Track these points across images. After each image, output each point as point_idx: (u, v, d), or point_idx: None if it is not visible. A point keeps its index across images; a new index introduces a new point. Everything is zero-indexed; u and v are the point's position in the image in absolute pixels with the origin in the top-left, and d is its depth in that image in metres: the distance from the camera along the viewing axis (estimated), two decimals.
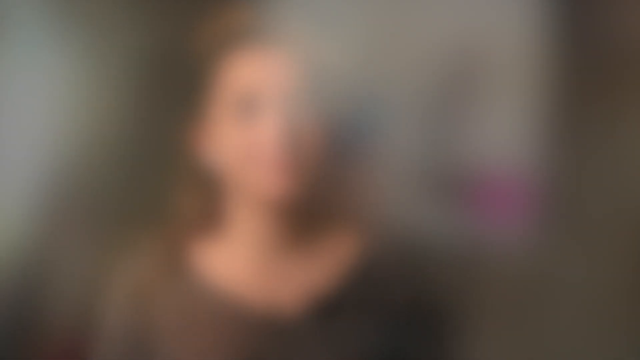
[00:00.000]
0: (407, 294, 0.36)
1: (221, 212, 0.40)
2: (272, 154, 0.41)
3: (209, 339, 0.33)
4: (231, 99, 0.43)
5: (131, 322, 0.41)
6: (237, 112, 0.42)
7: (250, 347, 0.37)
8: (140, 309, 0.41)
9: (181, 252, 0.42)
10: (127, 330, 0.41)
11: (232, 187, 0.42)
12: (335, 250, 0.37)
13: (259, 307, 0.38)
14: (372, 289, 0.35)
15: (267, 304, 0.39)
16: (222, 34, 0.44)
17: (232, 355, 0.34)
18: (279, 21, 0.44)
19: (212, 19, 0.44)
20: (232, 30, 0.43)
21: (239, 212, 0.38)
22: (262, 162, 0.41)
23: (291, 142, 0.41)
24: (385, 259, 0.36)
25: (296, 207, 0.41)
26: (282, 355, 0.40)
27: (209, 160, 0.42)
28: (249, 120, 0.42)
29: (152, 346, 0.31)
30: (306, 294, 0.41)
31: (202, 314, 0.33)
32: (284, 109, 0.42)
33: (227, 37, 0.43)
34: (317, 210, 0.37)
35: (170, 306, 0.34)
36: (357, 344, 0.34)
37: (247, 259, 0.39)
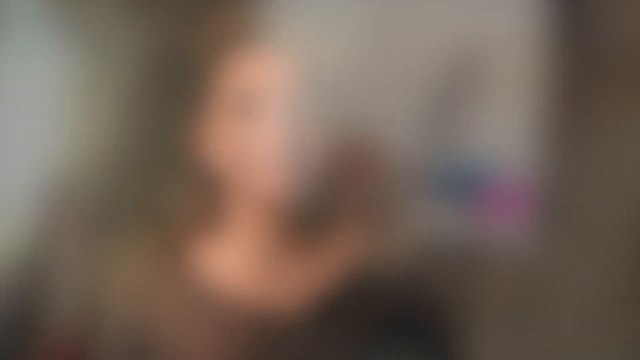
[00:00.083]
0: (408, 295, 0.35)
1: (221, 212, 0.40)
2: (272, 153, 0.41)
3: (208, 339, 0.33)
4: (231, 98, 0.43)
5: (130, 322, 0.41)
6: (237, 112, 0.42)
7: (249, 347, 0.37)
8: (139, 309, 0.41)
9: (181, 252, 0.42)
10: (127, 330, 0.41)
11: (232, 186, 0.42)
12: (335, 250, 0.36)
13: (258, 308, 0.38)
14: (373, 290, 0.35)
15: (266, 304, 0.39)
16: (223, 33, 0.44)
17: (231, 355, 0.34)
18: (280, 21, 0.44)
19: (213, 18, 0.44)
20: (232, 30, 0.43)
21: (238, 212, 0.38)
22: (262, 162, 0.41)
23: (291, 142, 0.41)
24: (386, 260, 0.36)
25: (296, 207, 0.40)
26: (282, 355, 0.40)
27: (209, 160, 0.42)
28: (249, 120, 0.42)
29: (151, 346, 0.31)
30: (306, 294, 0.41)
31: (202, 314, 0.33)
32: (284, 109, 0.42)
33: (228, 37, 0.43)
34: (317, 210, 0.37)
35: (169, 306, 0.34)
36: (357, 345, 0.34)
37: (247, 259, 0.39)
